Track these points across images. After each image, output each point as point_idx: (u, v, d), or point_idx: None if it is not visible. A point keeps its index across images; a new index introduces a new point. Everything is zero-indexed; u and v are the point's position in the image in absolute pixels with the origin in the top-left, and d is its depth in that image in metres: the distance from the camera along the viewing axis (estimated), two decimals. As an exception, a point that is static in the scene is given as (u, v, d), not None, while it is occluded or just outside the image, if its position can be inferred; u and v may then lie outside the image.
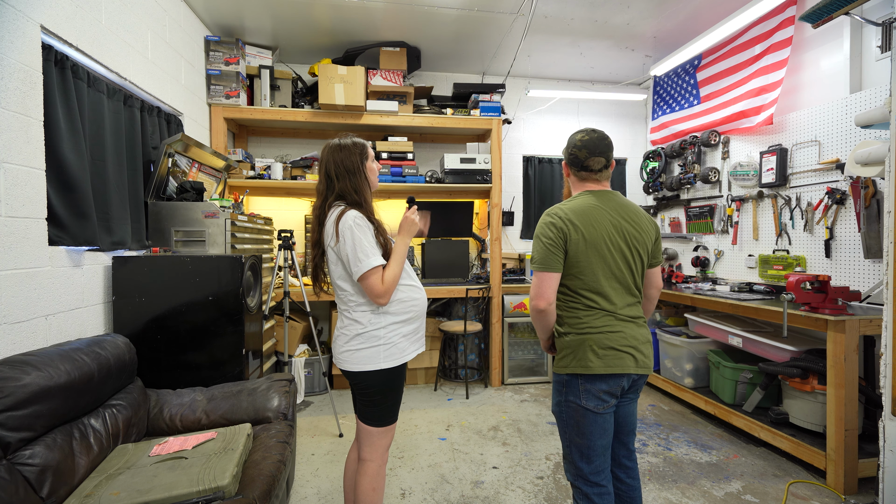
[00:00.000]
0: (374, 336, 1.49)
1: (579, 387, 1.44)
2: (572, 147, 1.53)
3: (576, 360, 1.44)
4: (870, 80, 2.62)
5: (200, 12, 3.12)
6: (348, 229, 1.44)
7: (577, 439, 1.47)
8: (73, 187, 1.80)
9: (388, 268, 1.48)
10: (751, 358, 2.87)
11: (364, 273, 1.43)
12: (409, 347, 1.57)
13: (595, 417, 1.44)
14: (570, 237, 1.42)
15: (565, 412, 1.49)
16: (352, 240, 1.43)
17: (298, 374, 3.35)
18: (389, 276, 1.47)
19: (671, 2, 3.08)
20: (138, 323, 2.06)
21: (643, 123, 4.73)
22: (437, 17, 3.25)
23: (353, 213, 1.47)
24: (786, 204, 3.02)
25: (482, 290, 3.61)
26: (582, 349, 1.43)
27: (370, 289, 1.45)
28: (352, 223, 1.44)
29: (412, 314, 1.57)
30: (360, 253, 1.43)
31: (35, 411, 1.34)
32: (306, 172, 3.63)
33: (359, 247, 1.43)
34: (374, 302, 1.48)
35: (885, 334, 1.60)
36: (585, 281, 1.44)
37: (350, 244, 1.43)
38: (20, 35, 1.58)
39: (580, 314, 1.45)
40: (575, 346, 1.44)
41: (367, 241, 1.45)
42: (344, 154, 1.54)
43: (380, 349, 1.49)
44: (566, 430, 1.50)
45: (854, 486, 2.14)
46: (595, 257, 1.43)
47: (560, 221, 1.43)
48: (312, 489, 2.23)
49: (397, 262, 1.51)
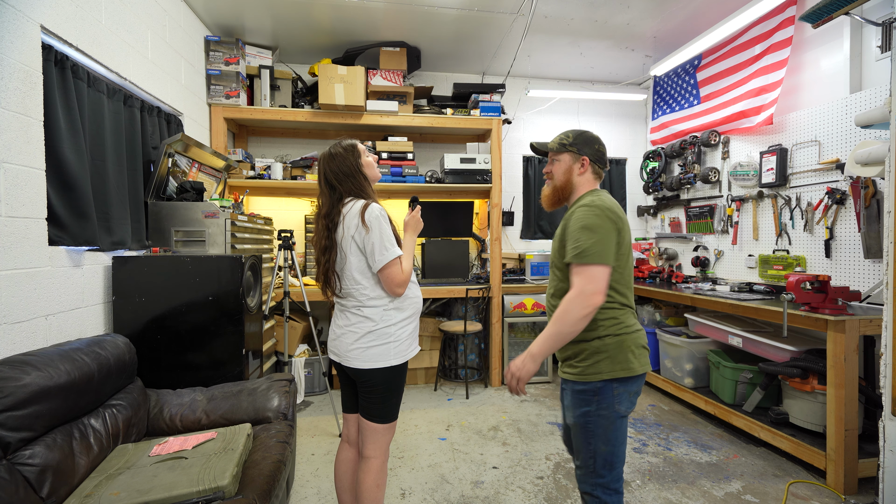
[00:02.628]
0: (386, 333, 1.55)
1: (613, 392, 1.36)
2: (597, 143, 1.49)
3: (614, 364, 1.35)
4: (870, 80, 2.62)
5: (200, 12, 3.12)
6: (375, 219, 1.50)
7: (602, 448, 1.38)
8: (73, 187, 1.80)
9: (405, 260, 1.57)
10: (751, 358, 2.87)
11: (389, 262, 1.50)
12: (412, 345, 1.64)
13: (623, 422, 1.38)
14: (622, 231, 1.37)
15: (593, 423, 1.38)
16: (379, 230, 1.50)
17: (298, 374, 3.35)
18: (407, 266, 1.56)
19: (671, 2, 3.08)
20: (138, 323, 2.06)
21: (643, 123, 4.73)
22: (437, 17, 3.25)
23: (377, 206, 1.55)
24: (786, 204, 3.02)
25: (482, 290, 3.61)
26: (621, 351, 1.36)
27: (392, 278, 1.51)
28: (378, 214, 1.52)
29: (414, 311, 1.65)
30: (386, 242, 1.50)
31: (35, 411, 1.34)
32: (306, 172, 3.63)
33: (385, 237, 1.51)
34: (391, 293, 1.55)
35: (885, 334, 1.60)
36: (623, 278, 1.39)
37: (377, 234, 1.50)
38: (20, 35, 1.58)
39: (616, 314, 1.38)
40: (613, 348, 1.36)
41: (389, 232, 1.53)
42: (338, 161, 1.60)
43: (390, 346, 1.55)
44: (591, 441, 1.39)
45: (854, 486, 2.13)
46: (629, 253, 1.41)
47: (614, 214, 1.36)
48: (312, 489, 2.23)
49: (409, 255, 1.60)
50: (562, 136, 1.52)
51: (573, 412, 1.42)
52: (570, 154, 1.49)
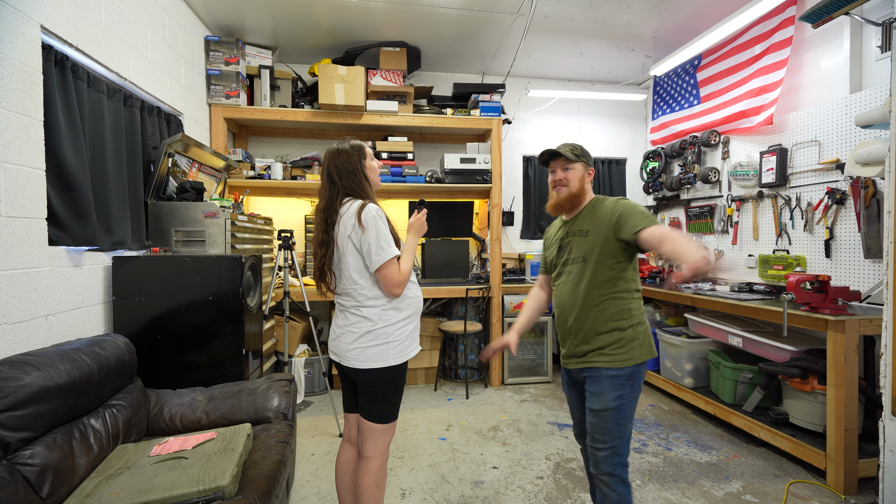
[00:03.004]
0: (384, 333, 1.54)
1: (641, 374, 1.53)
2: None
3: (643, 349, 1.52)
4: (870, 80, 2.62)
5: (200, 12, 3.12)
6: (372, 220, 1.50)
7: (629, 427, 1.52)
8: (73, 187, 1.80)
9: (402, 260, 1.57)
10: (751, 358, 2.87)
11: (385, 262, 1.50)
12: (412, 345, 1.64)
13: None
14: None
15: (626, 404, 1.49)
16: (375, 230, 1.50)
17: (298, 374, 3.35)
18: (405, 267, 1.56)
19: (671, 2, 3.08)
20: (138, 323, 2.06)
21: (643, 123, 4.73)
22: (437, 17, 3.25)
23: (374, 206, 1.55)
24: (786, 204, 3.02)
25: (482, 290, 3.61)
26: (647, 336, 1.55)
27: (388, 278, 1.51)
28: (375, 214, 1.52)
29: (413, 311, 1.64)
30: (382, 242, 1.50)
31: (35, 411, 1.34)
32: (306, 172, 3.63)
33: (381, 237, 1.50)
34: (388, 293, 1.54)
35: (885, 334, 1.60)
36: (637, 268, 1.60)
37: (374, 234, 1.50)
38: (20, 35, 1.58)
39: (640, 303, 1.59)
40: (643, 334, 1.54)
41: (386, 232, 1.53)
42: (343, 158, 1.61)
43: (389, 346, 1.55)
44: (622, 423, 1.49)
45: (854, 486, 2.14)
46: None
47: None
48: (312, 489, 2.23)
49: (409, 256, 1.60)
50: (571, 146, 1.63)
51: (607, 397, 1.49)
52: (582, 164, 1.62)
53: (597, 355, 1.52)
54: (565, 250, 1.62)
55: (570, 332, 1.59)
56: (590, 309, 1.53)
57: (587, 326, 1.54)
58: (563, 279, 1.62)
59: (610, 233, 1.50)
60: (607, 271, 1.51)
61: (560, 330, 1.66)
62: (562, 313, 1.61)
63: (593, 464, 1.53)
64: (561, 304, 1.62)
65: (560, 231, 1.68)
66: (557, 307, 1.64)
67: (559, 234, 1.68)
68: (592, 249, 1.53)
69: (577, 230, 1.59)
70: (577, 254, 1.57)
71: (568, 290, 1.59)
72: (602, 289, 1.52)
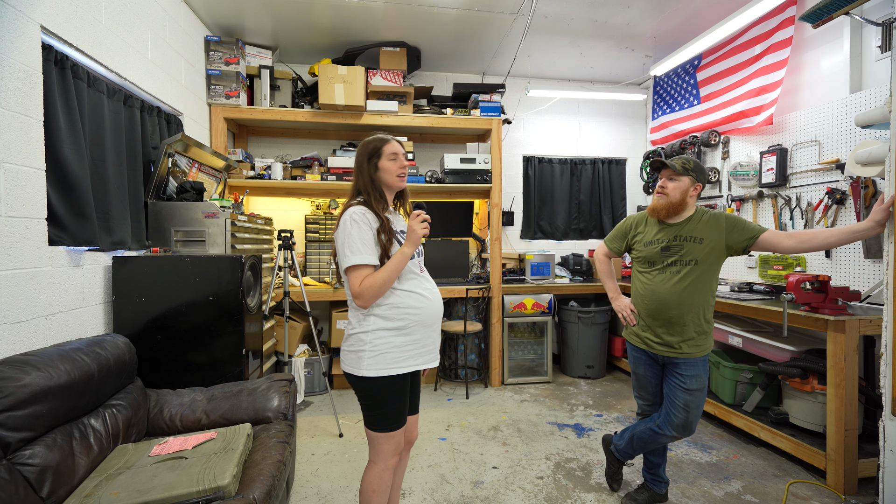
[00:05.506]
0: (359, 339, 1.47)
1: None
2: (707, 174, 1.84)
3: (710, 339, 1.88)
4: (870, 80, 2.62)
5: (200, 12, 3.12)
6: (343, 223, 1.45)
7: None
8: (73, 187, 1.80)
9: (377, 272, 1.42)
10: (751, 358, 2.87)
11: (346, 268, 1.43)
12: (405, 359, 1.47)
13: None
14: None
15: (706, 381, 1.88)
16: (343, 233, 1.44)
17: (298, 374, 3.35)
18: (374, 280, 1.40)
19: (671, 2, 3.08)
20: (138, 323, 2.06)
21: (643, 123, 4.73)
22: (437, 17, 3.25)
23: (357, 209, 1.46)
24: (786, 204, 3.02)
25: (482, 290, 3.61)
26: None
27: (349, 287, 1.45)
28: (349, 217, 1.45)
29: (407, 322, 1.47)
30: (346, 248, 1.43)
31: (35, 411, 1.34)
32: (306, 172, 3.63)
33: (347, 241, 1.43)
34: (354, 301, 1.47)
35: (885, 334, 1.60)
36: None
37: (341, 237, 1.45)
38: (20, 35, 1.58)
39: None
40: (712, 328, 1.88)
41: (358, 238, 1.42)
42: (357, 154, 1.58)
43: (362, 354, 1.44)
44: (703, 396, 1.88)
45: (854, 486, 2.14)
46: None
47: None
48: (312, 489, 2.23)
49: (389, 269, 1.43)
50: (683, 160, 1.84)
51: (702, 378, 1.85)
52: (690, 178, 1.83)
53: (690, 346, 1.83)
54: (674, 252, 1.84)
55: (665, 322, 1.85)
56: (690, 306, 1.81)
57: (686, 321, 1.81)
58: (663, 276, 1.86)
59: (722, 240, 1.80)
60: (711, 274, 1.82)
61: (651, 318, 1.90)
62: (660, 305, 1.85)
63: (683, 428, 1.86)
64: (659, 298, 1.85)
65: (661, 233, 1.89)
66: (654, 300, 1.87)
67: (660, 234, 1.89)
68: (707, 255, 1.80)
69: (691, 236, 1.83)
70: (690, 257, 1.81)
71: (669, 286, 1.83)
72: (702, 290, 1.81)
